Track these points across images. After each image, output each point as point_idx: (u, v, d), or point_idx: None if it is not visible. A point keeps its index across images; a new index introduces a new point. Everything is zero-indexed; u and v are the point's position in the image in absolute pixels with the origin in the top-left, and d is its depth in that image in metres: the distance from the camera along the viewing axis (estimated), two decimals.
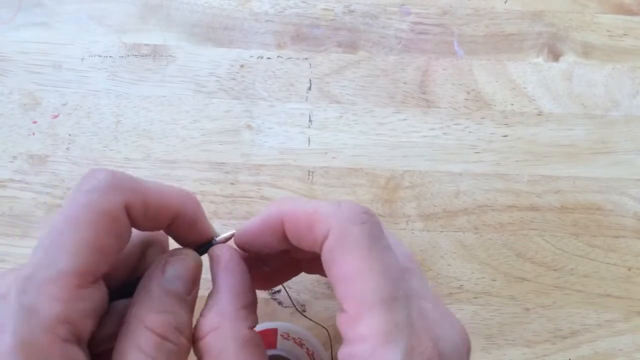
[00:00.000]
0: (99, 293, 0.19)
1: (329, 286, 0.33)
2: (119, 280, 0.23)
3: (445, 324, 0.21)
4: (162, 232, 0.23)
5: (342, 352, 0.19)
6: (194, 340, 0.21)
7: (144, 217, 0.21)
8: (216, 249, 0.23)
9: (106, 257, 0.19)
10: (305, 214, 0.21)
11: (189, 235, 0.23)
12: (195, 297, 0.22)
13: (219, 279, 0.22)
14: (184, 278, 0.21)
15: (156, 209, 0.21)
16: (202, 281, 0.22)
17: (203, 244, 0.23)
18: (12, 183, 0.35)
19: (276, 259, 0.26)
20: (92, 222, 0.19)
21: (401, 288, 0.20)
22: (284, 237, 0.22)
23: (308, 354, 0.30)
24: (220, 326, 0.21)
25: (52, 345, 0.17)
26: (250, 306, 0.22)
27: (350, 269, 0.19)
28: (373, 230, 0.20)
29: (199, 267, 0.22)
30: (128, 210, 0.20)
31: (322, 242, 0.20)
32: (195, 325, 0.21)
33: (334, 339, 0.32)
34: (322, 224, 0.20)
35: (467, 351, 0.22)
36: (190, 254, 0.22)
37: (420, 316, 0.20)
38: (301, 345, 0.30)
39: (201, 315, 0.21)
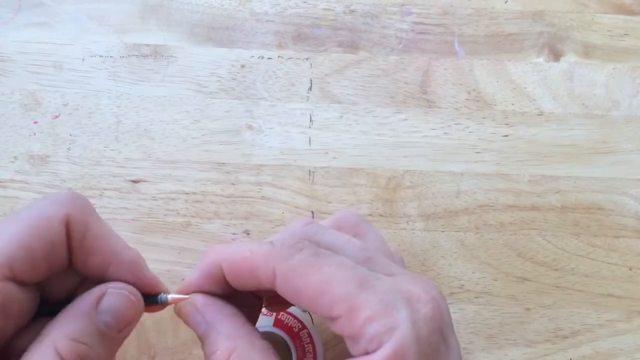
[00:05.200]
0: (16, 293, 0.19)
1: None
2: (57, 297, 0.22)
3: (424, 283, 0.22)
4: None
5: (358, 348, 0.20)
6: None
7: (81, 243, 0.21)
8: (182, 302, 0.23)
9: (31, 259, 0.20)
10: (243, 259, 0.22)
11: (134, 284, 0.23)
12: (125, 337, 0.22)
13: (208, 315, 0.22)
14: (119, 315, 0.21)
15: (94, 243, 0.21)
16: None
17: (147, 295, 0.23)
18: (13, 183, 0.35)
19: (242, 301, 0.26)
20: (27, 221, 0.20)
21: (363, 270, 0.21)
22: (225, 283, 0.23)
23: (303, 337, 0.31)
24: (237, 346, 0.21)
25: None
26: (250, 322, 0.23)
27: (316, 285, 0.20)
28: (313, 251, 0.21)
29: (139, 310, 0.22)
30: (67, 225, 0.21)
31: (272, 281, 0.21)
32: (212, 357, 0.21)
33: (334, 339, 0.32)
34: (265, 266, 0.21)
35: (446, 302, 0.23)
36: (136, 294, 0.22)
37: (397, 280, 0.21)
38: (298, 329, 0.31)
39: (211, 349, 0.21)
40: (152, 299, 0.23)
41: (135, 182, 0.35)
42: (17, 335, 0.20)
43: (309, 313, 0.32)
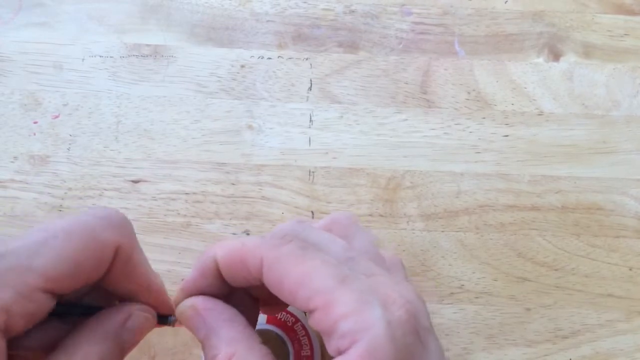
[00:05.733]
0: (47, 303, 0.20)
1: None
2: (67, 299, 0.23)
3: (401, 287, 0.22)
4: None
5: (331, 344, 0.20)
6: None
7: (121, 268, 0.22)
8: (181, 307, 0.24)
9: (75, 278, 0.20)
10: (235, 250, 0.23)
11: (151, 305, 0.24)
12: (130, 351, 0.23)
13: (209, 319, 0.23)
14: (138, 334, 0.23)
15: (133, 271, 0.23)
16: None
17: (161, 315, 0.24)
18: (13, 183, 0.35)
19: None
20: (81, 239, 0.20)
21: (346, 270, 0.21)
22: (222, 280, 0.24)
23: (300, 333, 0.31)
24: (236, 351, 0.22)
25: None
26: (251, 325, 0.24)
27: (298, 275, 0.21)
28: (301, 244, 0.22)
29: (152, 327, 0.24)
30: (115, 252, 0.22)
31: (260, 270, 0.22)
32: None
33: None
34: (253, 255, 0.22)
35: (425, 306, 0.23)
36: (154, 315, 0.24)
37: (374, 282, 0.22)
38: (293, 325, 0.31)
39: (212, 353, 0.22)
40: (163, 320, 0.25)
41: (135, 182, 0.35)
42: (27, 332, 0.21)
43: None
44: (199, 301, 0.24)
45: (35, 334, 0.21)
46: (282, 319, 0.31)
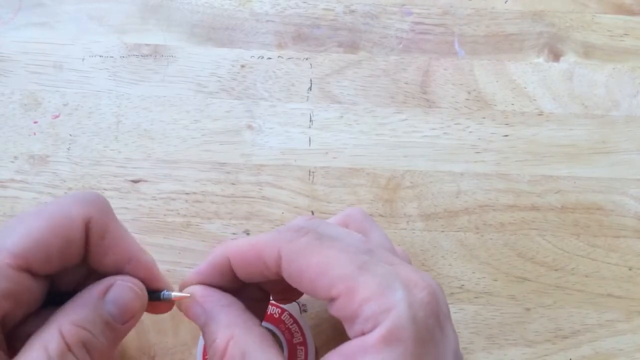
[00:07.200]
0: (28, 283, 0.20)
1: None
2: (66, 287, 0.23)
3: (420, 272, 0.23)
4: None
5: (355, 329, 0.20)
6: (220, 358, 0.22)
7: (99, 243, 0.22)
8: (181, 297, 0.24)
9: (47, 254, 0.20)
10: (250, 246, 0.23)
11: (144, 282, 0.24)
12: (128, 330, 0.22)
13: (207, 306, 0.23)
14: (124, 307, 0.22)
15: (111, 243, 0.22)
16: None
17: (152, 290, 0.24)
18: (13, 183, 0.35)
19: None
20: (49, 217, 0.21)
21: (364, 256, 0.21)
22: (233, 276, 0.24)
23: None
24: (234, 334, 0.22)
25: None
26: (249, 309, 0.24)
27: (318, 265, 0.21)
28: (317, 235, 0.22)
29: (143, 304, 0.23)
30: (87, 225, 0.21)
31: (278, 264, 0.22)
32: (212, 346, 0.22)
33: (332, 340, 0.32)
34: (270, 249, 0.22)
35: (444, 294, 0.23)
36: (142, 288, 0.23)
37: (395, 268, 0.22)
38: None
39: (211, 339, 0.22)
40: (156, 295, 0.24)
41: (135, 182, 0.35)
42: (25, 321, 0.21)
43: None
44: (197, 289, 0.24)
45: (35, 323, 0.21)
46: (268, 312, 0.31)
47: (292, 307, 0.31)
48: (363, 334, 0.20)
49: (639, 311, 0.34)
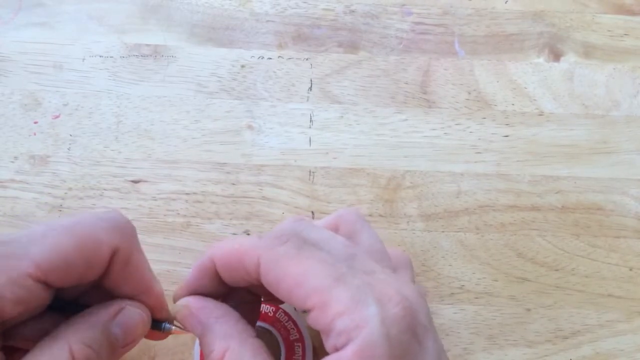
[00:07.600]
0: (40, 293, 0.21)
1: None
2: (68, 295, 0.24)
3: (400, 284, 0.22)
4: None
5: (329, 343, 0.20)
6: None
7: (120, 270, 0.22)
8: (176, 307, 0.25)
9: (68, 272, 0.21)
10: (232, 250, 0.23)
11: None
12: (126, 352, 0.23)
13: (202, 317, 0.24)
14: (129, 331, 0.23)
15: (132, 273, 0.23)
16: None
17: (156, 320, 0.25)
18: (13, 183, 0.35)
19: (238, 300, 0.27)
20: (78, 237, 0.21)
21: (342, 267, 0.21)
22: (220, 280, 0.24)
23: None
24: (230, 346, 0.22)
25: None
26: (243, 310, 0.24)
27: (295, 275, 0.21)
28: (298, 243, 0.22)
29: (145, 330, 0.24)
30: (113, 254, 0.22)
31: (257, 270, 0.22)
32: (209, 356, 0.23)
33: None
34: (251, 255, 0.22)
35: (426, 305, 0.23)
36: (149, 315, 0.24)
37: (372, 279, 0.22)
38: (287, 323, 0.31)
39: (209, 349, 0.23)
40: (157, 325, 0.25)
41: (135, 182, 0.35)
42: (24, 323, 0.22)
43: None
44: (191, 301, 0.24)
45: (34, 325, 0.22)
46: (263, 311, 0.31)
47: (286, 305, 0.31)
48: (337, 349, 0.20)
49: (639, 311, 0.34)
